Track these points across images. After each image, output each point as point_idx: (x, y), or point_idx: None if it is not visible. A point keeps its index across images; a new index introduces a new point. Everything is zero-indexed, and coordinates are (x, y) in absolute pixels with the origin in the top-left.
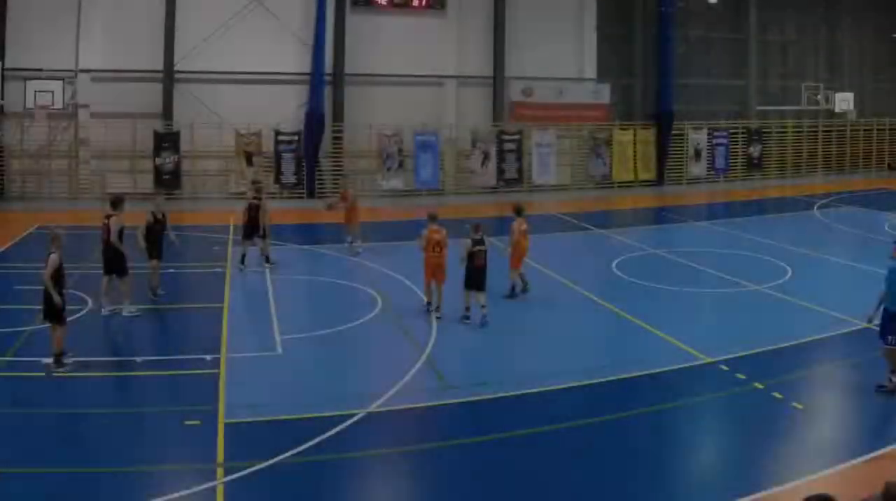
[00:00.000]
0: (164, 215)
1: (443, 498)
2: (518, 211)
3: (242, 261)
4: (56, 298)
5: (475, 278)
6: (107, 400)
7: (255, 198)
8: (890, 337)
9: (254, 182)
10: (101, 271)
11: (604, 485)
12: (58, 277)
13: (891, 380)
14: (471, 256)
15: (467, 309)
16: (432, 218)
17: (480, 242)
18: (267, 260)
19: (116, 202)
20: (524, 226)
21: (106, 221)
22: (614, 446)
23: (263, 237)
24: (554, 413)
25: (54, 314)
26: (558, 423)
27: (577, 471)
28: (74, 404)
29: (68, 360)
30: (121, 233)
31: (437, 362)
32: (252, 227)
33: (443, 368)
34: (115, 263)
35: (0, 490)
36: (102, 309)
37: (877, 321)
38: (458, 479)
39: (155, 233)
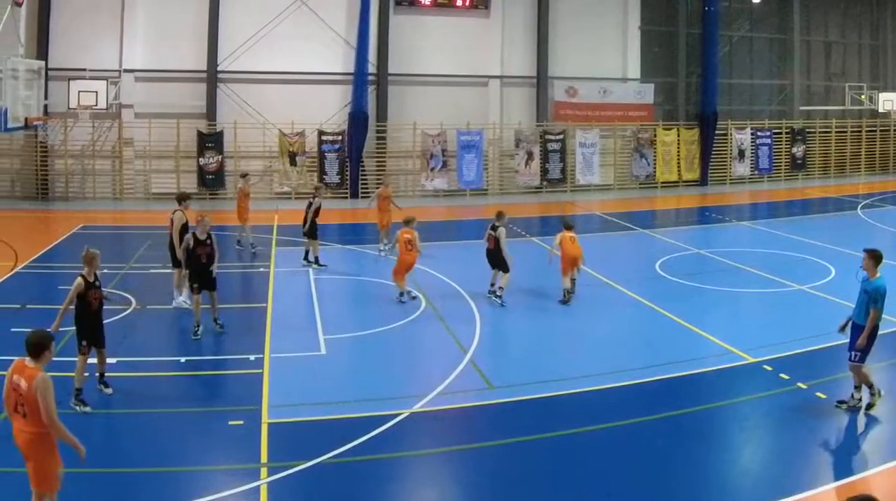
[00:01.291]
0: (210, 239)
1: (486, 499)
2: (567, 226)
3: (308, 258)
4: (54, 324)
5: (488, 258)
6: (150, 400)
7: (314, 197)
8: (853, 354)
9: (316, 187)
10: (170, 266)
11: (647, 485)
12: (84, 304)
13: (852, 396)
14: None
15: (492, 284)
16: (407, 221)
17: (493, 228)
18: (316, 260)
19: (181, 198)
20: (568, 235)
21: (171, 216)
22: (657, 446)
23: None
24: (597, 413)
25: (78, 342)
26: (602, 423)
27: (621, 471)
28: (118, 404)
29: (85, 408)
30: (182, 228)
31: (481, 363)
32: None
33: (486, 369)
34: (171, 253)
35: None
36: (173, 301)
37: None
38: (501, 480)
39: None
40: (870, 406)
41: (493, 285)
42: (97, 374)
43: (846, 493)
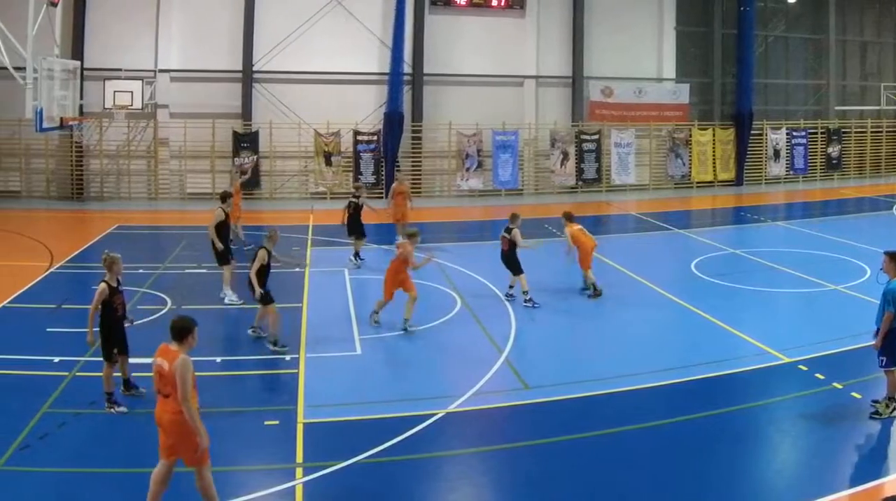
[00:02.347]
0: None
1: (522, 499)
2: (568, 217)
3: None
4: (89, 335)
5: (503, 261)
6: None
7: (354, 196)
8: (880, 359)
9: (357, 187)
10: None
11: (682, 485)
12: (110, 309)
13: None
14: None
15: (510, 286)
16: (410, 235)
17: (507, 230)
18: (356, 254)
19: (223, 197)
20: (577, 227)
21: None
22: (693, 446)
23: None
24: (633, 413)
25: (104, 350)
26: (637, 423)
27: (656, 472)
28: (153, 404)
29: (120, 408)
30: (219, 225)
31: (516, 362)
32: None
33: (522, 369)
34: (216, 254)
35: (80, 490)
36: (226, 299)
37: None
38: (537, 480)
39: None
40: (877, 412)
41: (511, 288)
42: (122, 380)
43: (881, 494)
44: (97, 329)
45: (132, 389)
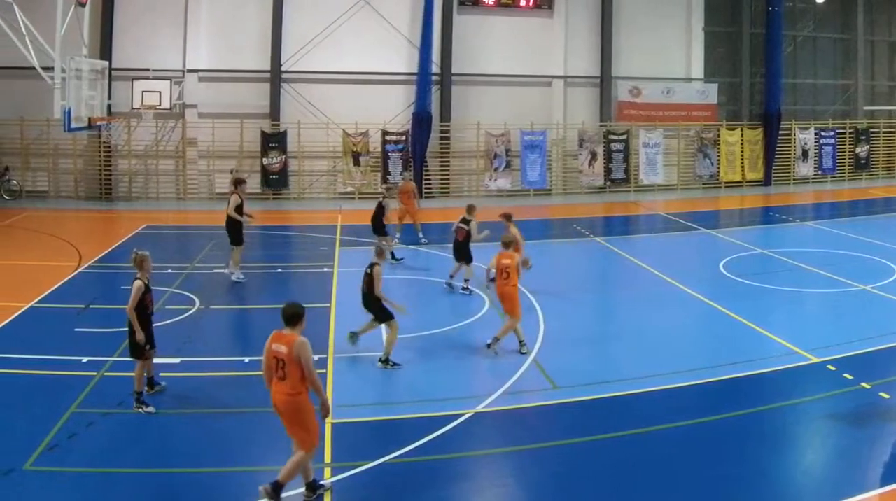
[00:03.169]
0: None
1: (550, 499)
2: (508, 218)
3: (395, 257)
4: (139, 334)
5: (454, 251)
6: (214, 400)
7: (383, 197)
8: None
9: (387, 187)
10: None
11: (710, 486)
12: (141, 307)
13: None
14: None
15: (451, 275)
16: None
17: (464, 222)
18: (392, 255)
19: (237, 182)
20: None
21: (228, 197)
22: (721, 446)
23: (383, 235)
24: (661, 413)
25: (136, 349)
26: (665, 423)
27: (684, 472)
28: (182, 404)
29: (148, 408)
30: (238, 208)
31: (545, 363)
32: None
33: (550, 368)
34: (230, 233)
35: (108, 490)
36: (232, 276)
37: None
38: (565, 480)
39: None
40: None
41: (451, 276)
42: (147, 378)
43: None
44: (126, 328)
45: (155, 386)
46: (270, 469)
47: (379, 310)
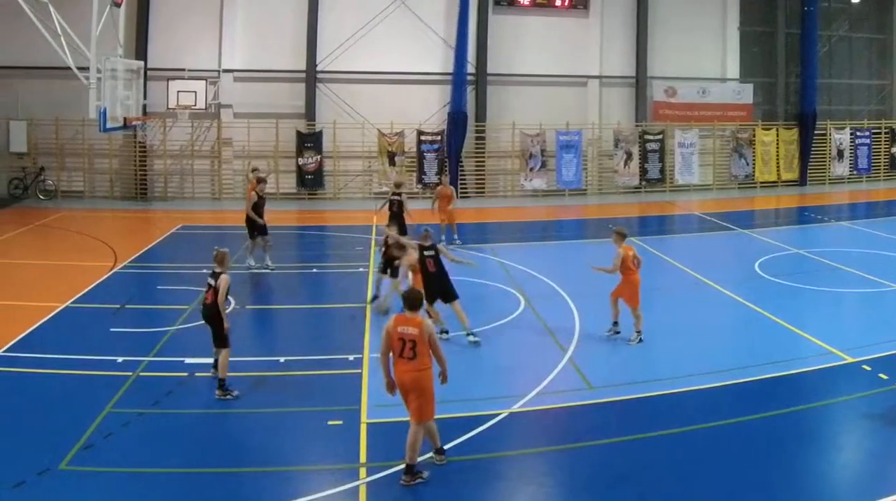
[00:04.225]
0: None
1: (586, 499)
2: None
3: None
4: (227, 323)
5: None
6: (250, 400)
7: (394, 194)
8: None
9: (397, 184)
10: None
11: (745, 486)
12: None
13: None
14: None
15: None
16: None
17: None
18: None
19: (257, 181)
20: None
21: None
22: (756, 446)
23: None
24: (696, 413)
25: (223, 338)
26: (701, 423)
27: (719, 472)
28: (217, 404)
29: (234, 393)
30: (255, 206)
31: (580, 362)
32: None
33: (585, 368)
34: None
35: (144, 489)
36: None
37: None
38: (600, 480)
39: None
40: None
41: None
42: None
43: None
44: (202, 321)
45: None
46: (305, 469)
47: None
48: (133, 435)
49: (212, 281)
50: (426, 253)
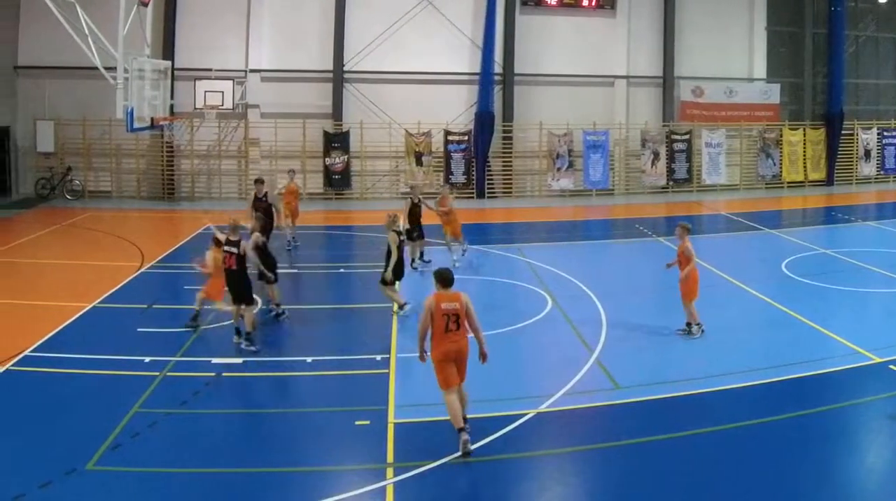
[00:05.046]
0: None
1: (613, 500)
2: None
3: (422, 258)
4: (267, 274)
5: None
6: (277, 400)
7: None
8: None
9: (412, 186)
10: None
11: (772, 486)
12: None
13: None
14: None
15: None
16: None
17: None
18: (421, 256)
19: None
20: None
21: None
22: (783, 446)
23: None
24: (724, 413)
25: (247, 295)
26: (727, 423)
27: (746, 472)
28: (245, 404)
29: (254, 347)
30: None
31: (607, 362)
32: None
33: (612, 368)
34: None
35: (171, 489)
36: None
37: None
38: (628, 480)
39: None
40: None
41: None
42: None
43: None
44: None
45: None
46: (332, 469)
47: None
48: (160, 435)
49: (233, 249)
50: (402, 237)
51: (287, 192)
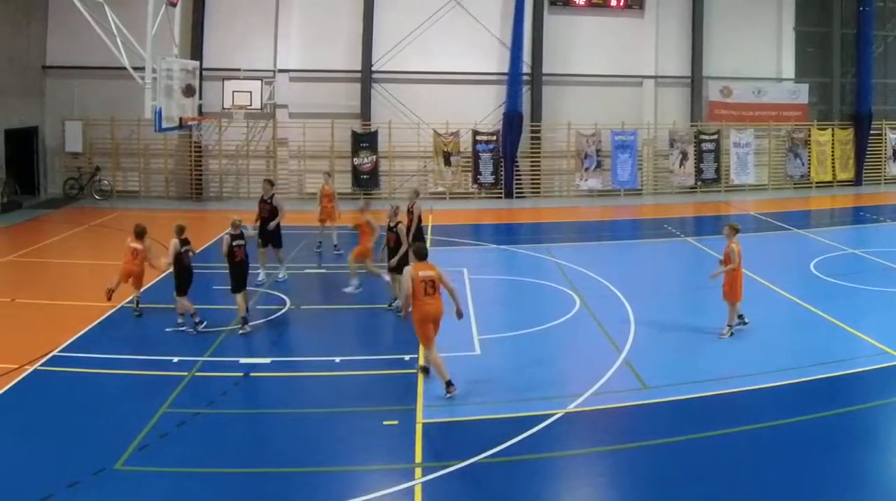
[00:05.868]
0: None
1: (641, 499)
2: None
3: None
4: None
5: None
6: (305, 400)
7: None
8: None
9: (416, 191)
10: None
11: (801, 486)
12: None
13: None
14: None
15: None
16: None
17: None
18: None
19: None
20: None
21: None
22: (811, 447)
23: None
24: (752, 413)
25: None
26: (755, 423)
27: (774, 472)
28: (272, 404)
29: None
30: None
31: (635, 362)
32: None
33: (640, 369)
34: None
35: (199, 489)
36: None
37: None
38: (656, 480)
39: None
40: None
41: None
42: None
43: None
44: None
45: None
46: (360, 469)
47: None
48: (188, 436)
49: (241, 242)
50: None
51: (323, 195)
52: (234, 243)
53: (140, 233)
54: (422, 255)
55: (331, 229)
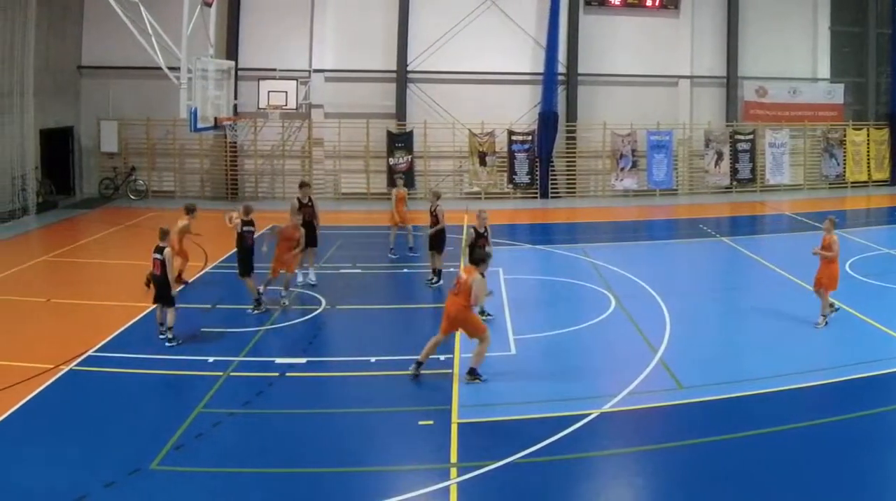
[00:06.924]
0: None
1: (676, 499)
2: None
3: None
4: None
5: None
6: (341, 400)
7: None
8: None
9: (435, 194)
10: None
11: (835, 486)
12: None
13: None
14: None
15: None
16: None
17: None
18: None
19: (302, 184)
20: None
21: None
22: (846, 447)
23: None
24: (787, 413)
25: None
26: (791, 423)
27: (809, 472)
28: (308, 404)
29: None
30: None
31: (671, 362)
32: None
33: (676, 368)
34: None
35: (234, 489)
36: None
37: None
38: (691, 480)
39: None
40: None
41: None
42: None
43: None
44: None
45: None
46: (396, 469)
47: None
48: (224, 435)
49: (251, 228)
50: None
51: (397, 199)
52: (244, 229)
53: (190, 210)
54: (472, 259)
55: (405, 229)
